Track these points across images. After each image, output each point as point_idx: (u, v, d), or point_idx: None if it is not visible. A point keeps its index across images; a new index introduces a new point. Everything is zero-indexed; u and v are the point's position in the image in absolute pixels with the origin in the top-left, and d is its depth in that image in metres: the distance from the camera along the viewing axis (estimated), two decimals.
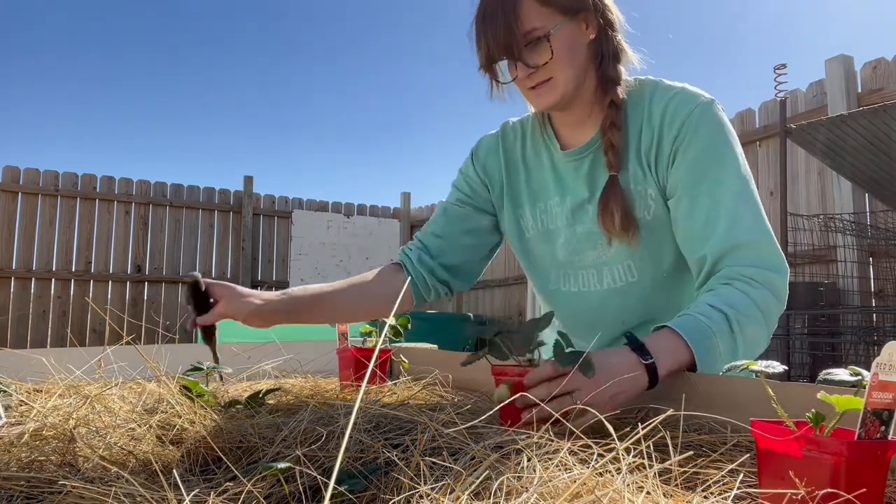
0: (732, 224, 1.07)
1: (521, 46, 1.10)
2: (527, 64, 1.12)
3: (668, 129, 1.14)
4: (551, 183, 1.29)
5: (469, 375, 1.22)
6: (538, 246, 1.32)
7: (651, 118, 1.16)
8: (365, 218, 8.90)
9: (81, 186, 7.26)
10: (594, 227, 1.22)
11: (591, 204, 1.22)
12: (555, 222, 1.28)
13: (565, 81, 1.14)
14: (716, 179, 1.10)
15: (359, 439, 0.73)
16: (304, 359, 1.47)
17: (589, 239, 1.24)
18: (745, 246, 1.06)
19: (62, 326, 6.99)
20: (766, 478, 0.56)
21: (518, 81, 1.16)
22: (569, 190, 1.26)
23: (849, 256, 4.09)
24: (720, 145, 1.12)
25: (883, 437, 0.52)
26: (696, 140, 1.12)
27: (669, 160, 1.14)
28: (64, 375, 1.06)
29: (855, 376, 0.64)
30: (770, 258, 1.07)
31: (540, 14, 1.10)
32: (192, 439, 0.80)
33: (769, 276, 1.05)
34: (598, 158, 1.21)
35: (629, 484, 0.50)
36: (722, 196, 1.09)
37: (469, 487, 0.51)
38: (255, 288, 7.00)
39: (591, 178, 1.23)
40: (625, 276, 1.23)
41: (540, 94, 1.16)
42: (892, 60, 4.28)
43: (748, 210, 1.09)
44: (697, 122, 1.12)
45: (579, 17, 1.13)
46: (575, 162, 1.24)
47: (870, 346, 3.56)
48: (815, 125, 3.20)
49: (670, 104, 1.15)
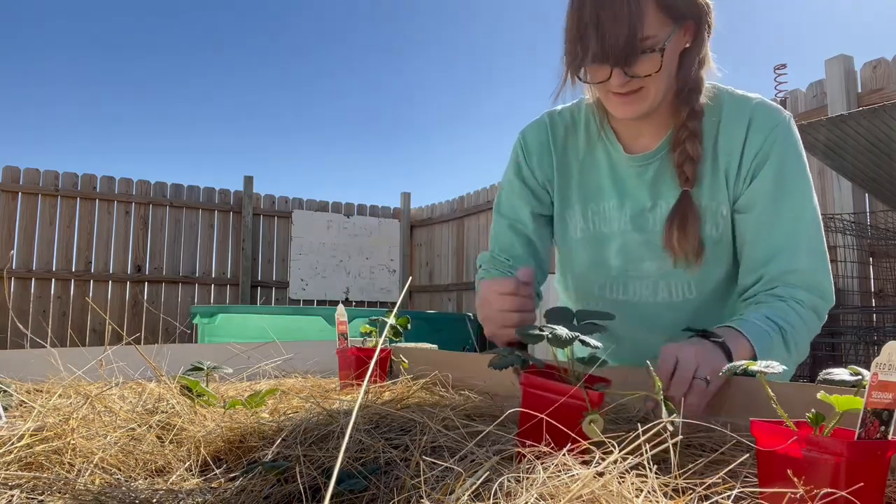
0: (798, 250, 1.09)
1: (637, 55, 1.00)
2: (632, 75, 1.03)
3: (750, 142, 1.11)
4: (608, 185, 1.22)
5: (469, 375, 1.22)
6: (586, 247, 1.27)
7: (731, 129, 1.12)
8: (365, 218, 8.90)
9: (81, 186, 7.26)
10: (655, 238, 1.18)
11: (652, 213, 1.18)
12: (609, 226, 1.23)
13: (657, 92, 1.07)
14: (793, 203, 1.10)
15: (359, 439, 0.73)
16: (304, 359, 1.47)
17: (649, 249, 1.20)
18: (804, 272, 1.09)
19: (62, 326, 6.99)
20: (765, 478, 0.56)
21: (608, 85, 1.06)
22: (629, 195, 1.20)
23: (849, 256, 4.09)
24: (800, 167, 1.12)
25: (883, 437, 0.52)
26: (778, 158, 1.10)
27: (748, 174, 1.12)
28: (64, 375, 1.06)
29: (855, 376, 0.64)
30: (823, 286, 1.10)
31: (658, 22, 1.01)
32: (192, 439, 0.80)
33: (818, 301, 1.09)
34: (664, 166, 1.16)
35: (629, 485, 0.50)
36: (796, 221, 1.10)
37: (470, 488, 0.51)
38: (255, 288, 6.96)
39: (655, 186, 1.18)
40: (682, 293, 1.21)
41: (627, 102, 1.08)
42: (892, 60, 4.28)
43: (815, 236, 1.11)
44: (781, 140, 1.10)
45: (686, 24, 1.06)
46: (639, 168, 1.18)
47: (870, 346, 3.56)
48: (815, 125, 3.20)
49: (755, 116, 1.11)
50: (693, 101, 1.11)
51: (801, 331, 1.06)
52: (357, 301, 8.65)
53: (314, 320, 4.32)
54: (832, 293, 1.12)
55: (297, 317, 4.62)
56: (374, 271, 8.81)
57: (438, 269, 8.77)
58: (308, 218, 8.47)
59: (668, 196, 1.17)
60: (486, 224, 7.92)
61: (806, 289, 1.09)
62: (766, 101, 1.15)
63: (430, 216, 9.10)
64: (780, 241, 1.10)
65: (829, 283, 1.11)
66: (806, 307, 1.08)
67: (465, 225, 8.39)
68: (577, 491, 0.49)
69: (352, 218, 8.78)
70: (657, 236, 1.18)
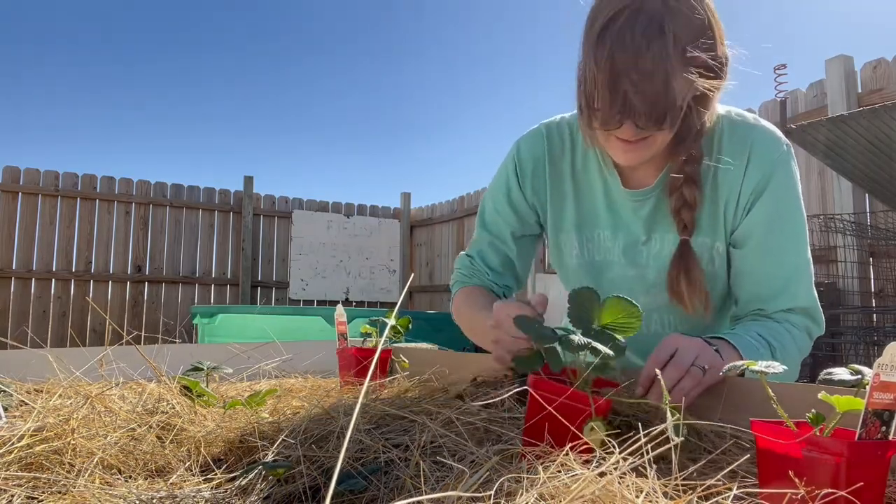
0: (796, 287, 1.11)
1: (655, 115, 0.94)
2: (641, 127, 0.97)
3: (749, 176, 1.09)
4: (603, 213, 1.20)
5: (469, 375, 1.22)
6: (581, 274, 1.26)
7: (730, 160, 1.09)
8: (365, 218, 8.90)
9: (82, 187, 7.26)
10: (648, 273, 1.18)
11: (646, 247, 1.18)
12: (603, 255, 1.22)
13: (662, 142, 1.04)
14: (788, 237, 1.11)
15: (359, 439, 0.73)
16: (304, 359, 1.47)
17: (642, 283, 1.20)
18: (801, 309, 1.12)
19: (62, 326, 6.99)
20: (766, 478, 0.56)
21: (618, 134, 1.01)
22: (622, 227, 1.19)
23: (849, 256, 4.09)
24: (796, 202, 1.12)
25: (883, 437, 0.52)
26: (775, 192, 1.09)
27: (745, 207, 1.11)
28: (64, 375, 1.06)
29: (855, 375, 0.64)
30: (817, 314, 1.13)
31: (683, 81, 0.95)
32: (192, 439, 0.80)
33: (811, 325, 1.13)
34: (661, 202, 1.15)
35: (629, 485, 0.50)
36: (790, 256, 1.11)
37: (470, 488, 0.51)
38: (255, 288, 6.96)
39: (650, 222, 1.17)
40: (673, 325, 1.22)
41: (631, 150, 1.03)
42: (892, 60, 4.28)
43: (808, 273, 1.13)
44: (780, 172, 1.10)
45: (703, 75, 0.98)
46: (635, 203, 1.17)
47: (870, 346, 3.56)
48: (815, 125, 3.19)
49: (754, 149, 1.09)
50: (693, 146, 1.08)
51: (791, 351, 1.08)
52: (357, 301, 8.65)
53: (314, 320, 4.31)
54: (822, 319, 1.15)
55: (297, 317, 4.62)
56: (374, 271, 8.81)
57: (438, 269, 8.77)
58: (308, 218, 8.47)
59: (663, 232, 1.17)
60: None
61: (802, 315, 1.12)
62: (766, 130, 1.12)
63: (430, 216, 9.10)
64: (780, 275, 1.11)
65: (820, 312, 1.14)
66: (800, 329, 1.11)
67: (465, 225, 8.39)
68: (578, 491, 0.49)
69: (352, 218, 8.78)
70: (650, 271, 1.18)
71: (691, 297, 1.09)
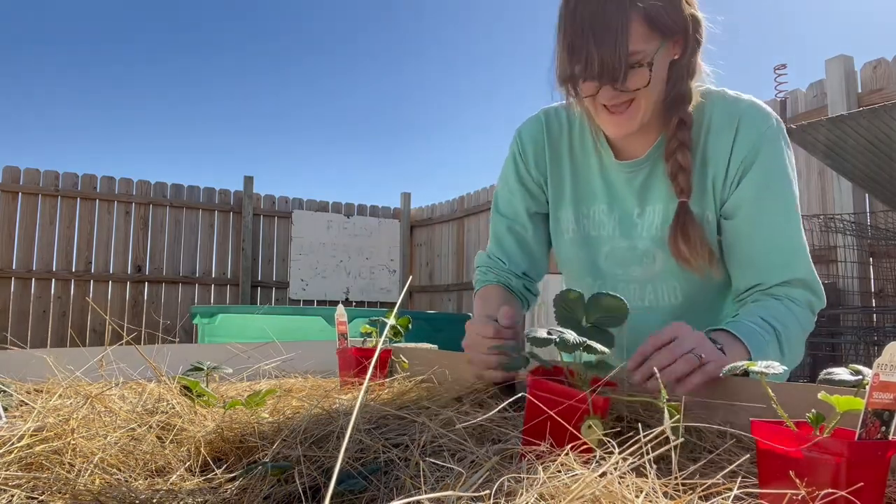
0: (791, 258, 1.11)
1: (626, 70, 1.01)
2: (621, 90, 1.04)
3: (737, 148, 1.11)
4: (599, 189, 1.24)
5: (469, 375, 1.22)
6: (574, 249, 1.29)
7: (719, 135, 1.12)
8: (365, 218, 8.90)
9: (82, 187, 7.26)
10: (642, 244, 1.20)
11: (640, 219, 1.20)
12: (598, 230, 1.25)
13: (647, 106, 1.08)
14: (779, 210, 1.11)
15: (359, 439, 0.73)
16: (304, 359, 1.47)
17: (635, 254, 1.21)
18: (800, 281, 1.11)
19: (62, 326, 7.00)
20: (766, 478, 0.56)
21: (597, 98, 1.07)
22: (617, 200, 1.22)
23: (849, 256, 4.09)
24: (787, 173, 1.12)
25: (883, 437, 0.52)
26: (765, 164, 1.10)
27: (734, 179, 1.12)
28: (64, 375, 1.06)
29: (855, 375, 0.64)
30: (816, 285, 1.12)
31: (645, 36, 1.01)
32: (192, 439, 0.80)
33: (812, 299, 1.12)
34: (653, 173, 1.18)
35: (629, 485, 0.50)
36: (783, 228, 1.11)
37: (470, 488, 0.51)
38: (255, 288, 6.94)
39: (643, 192, 1.19)
40: (668, 298, 1.22)
41: (618, 122, 1.09)
42: (892, 60, 4.28)
43: (802, 244, 1.12)
44: (769, 144, 1.11)
45: (674, 38, 1.06)
46: (628, 174, 1.20)
47: (870, 346, 3.56)
48: (815, 125, 3.20)
49: (743, 121, 1.11)
50: (682, 111, 1.12)
51: (795, 331, 1.07)
52: (357, 301, 8.65)
53: (314, 320, 4.31)
54: (822, 292, 1.14)
55: (297, 317, 4.62)
56: (374, 271, 8.81)
57: (438, 269, 8.77)
58: (308, 218, 8.47)
59: (656, 203, 1.18)
60: (487, 224, 7.92)
61: (802, 288, 1.11)
62: (757, 105, 1.14)
63: (430, 216, 9.10)
64: (771, 248, 1.11)
65: (819, 284, 1.13)
66: (801, 305, 1.10)
67: (465, 225, 8.39)
68: (578, 491, 0.49)
69: (352, 218, 8.78)
70: (643, 242, 1.20)
71: (693, 255, 1.11)
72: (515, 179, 1.34)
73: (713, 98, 1.15)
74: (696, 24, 1.08)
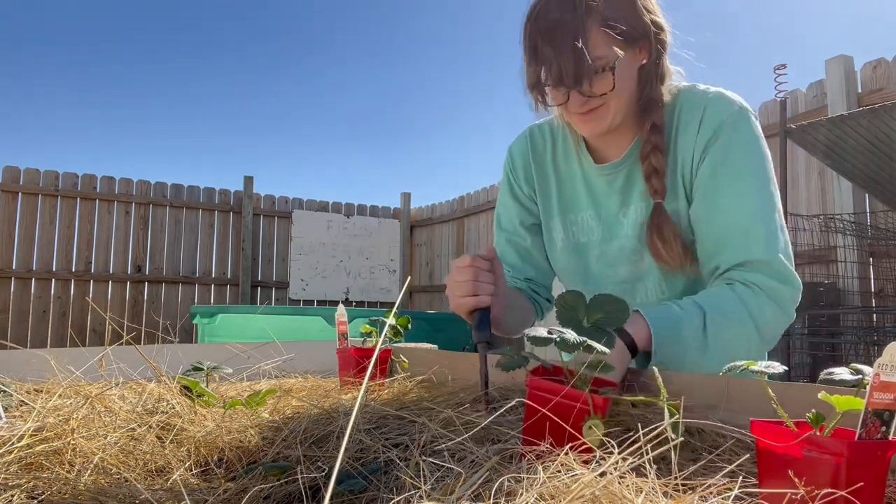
0: (746, 238, 1.07)
1: (590, 76, 1.05)
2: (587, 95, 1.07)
3: (700, 138, 1.13)
4: (583, 195, 1.28)
5: (469, 375, 1.22)
6: (566, 256, 1.32)
7: (685, 130, 1.15)
8: (365, 218, 8.90)
9: (81, 187, 7.26)
10: (627, 243, 1.22)
11: (625, 218, 1.22)
12: (587, 235, 1.28)
13: (616, 109, 1.11)
14: (737, 191, 1.09)
15: (359, 439, 0.73)
16: (304, 359, 1.47)
17: (623, 254, 1.24)
18: (758, 262, 1.07)
19: (62, 326, 6.99)
20: (766, 478, 0.56)
21: (568, 106, 1.11)
22: (601, 204, 1.26)
23: (849, 256, 4.09)
24: (747, 156, 1.11)
25: (883, 437, 0.52)
26: (724, 147, 1.11)
27: (696, 168, 1.14)
28: (64, 375, 1.06)
29: (855, 374, 0.64)
30: (781, 271, 1.07)
31: (605, 43, 1.05)
32: (192, 439, 0.80)
33: (774, 285, 1.06)
34: (632, 173, 1.21)
35: (629, 485, 0.50)
36: (740, 208, 1.09)
37: (470, 488, 0.51)
38: (255, 288, 6.92)
39: (624, 193, 1.23)
40: (656, 293, 1.24)
41: (589, 121, 1.12)
42: (892, 60, 4.28)
43: (765, 225, 1.08)
44: (728, 130, 1.12)
45: (638, 44, 1.10)
46: (608, 176, 1.23)
47: (870, 346, 3.56)
48: (815, 125, 3.20)
49: (706, 112, 1.13)
50: (654, 114, 1.15)
51: (736, 315, 1.03)
52: (357, 301, 8.65)
53: (314, 320, 4.31)
54: (793, 278, 1.08)
55: (297, 317, 4.61)
56: (374, 271, 8.81)
57: (438, 269, 8.77)
58: (308, 218, 8.47)
59: (637, 202, 1.21)
60: (487, 224, 7.92)
61: (761, 272, 1.06)
62: (722, 95, 1.15)
63: (430, 216, 9.10)
64: (728, 229, 1.09)
65: (787, 269, 1.07)
66: (758, 291, 1.05)
67: (465, 225, 8.39)
68: (578, 491, 0.49)
69: (352, 218, 8.78)
70: (629, 241, 1.22)
71: (668, 252, 1.13)
72: (510, 195, 1.40)
73: (683, 95, 1.18)
74: (660, 29, 1.12)
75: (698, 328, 1.01)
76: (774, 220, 1.10)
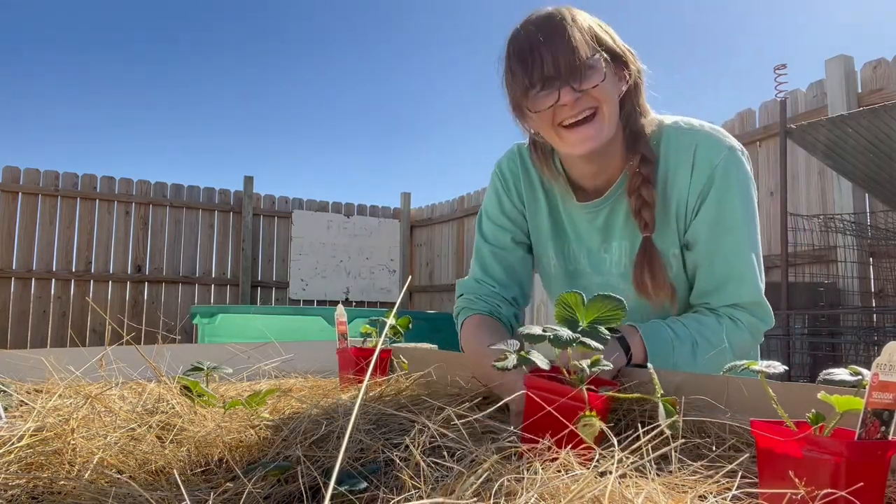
0: (740, 286, 1.16)
1: (583, 69, 1.06)
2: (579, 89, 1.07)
3: (694, 181, 1.15)
4: (567, 226, 1.30)
5: (469, 375, 1.22)
6: (559, 282, 1.34)
7: (678, 171, 1.16)
8: (365, 218, 8.90)
9: (81, 187, 7.26)
10: (611, 280, 1.24)
11: (607, 254, 1.24)
12: (574, 264, 1.31)
13: (610, 116, 1.10)
14: (733, 243, 1.15)
15: (359, 439, 0.73)
16: (304, 359, 1.47)
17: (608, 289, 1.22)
18: (747, 304, 1.16)
19: (62, 326, 7.00)
20: (766, 478, 0.56)
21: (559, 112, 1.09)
22: (584, 238, 1.28)
23: (849, 256, 4.09)
24: (742, 204, 1.15)
25: (883, 437, 0.52)
26: (720, 194, 1.14)
27: (693, 212, 1.16)
28: (64, 375, 1.06)
29: (855, 376, 0.64)
30: (762, 310, 1.17)
31: (590, 46, 1.08)
32: (192, 439, 0.80)
33: (755, 322, 1.16)
34: (615, 209, 1.22)
35: (629, 485, 0.50)
36: (736, 257, 1.15)
37: (470, 488, 0.51)
38: (255, 288, 6.93)
39: (605, 230, 1.24)
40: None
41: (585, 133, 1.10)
42: (892, 60, 4.28)
43: (754, 272, 1.16)
44: (724, 174, 1.14)
45: (619, 62, 1.13)
46: (588, 214, 1.25)
47: (870, 346, 3.56)
48: (815, 125, 3.20)
49: (697, 154, 1.15)
50: (642, 147, 1.16)
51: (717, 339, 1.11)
52: (357, 301, 8.65)
53: (314, 320, 4.31)
54: (770, 317, 1.18)
55: (297, 317, 4.61)
56: (374, 271, 8.81)
57: (438, 269, 8.77)
58: (308, 218, 8.47)
59: (620, 239, 1.23)
60: None
61: (746, 311, 1.15)
62: (710, 134, 1.17)
63: (430, 216, 9.10)
64: (723, 277, 1.15)
65: (767, 309, 1.17)
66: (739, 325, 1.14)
67: (465, 225, 8.39)
68: (578, 491, 0.49)
69: (352, 218, 8.78)
70: (613, 278, 1.25)
71: (655, 290, 1.16)
72: (499, 212, 1.37)
73: (668, 132, 1.19)
74: (631, 57, 1.15)
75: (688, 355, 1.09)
76: (760, 264, 1.18)
